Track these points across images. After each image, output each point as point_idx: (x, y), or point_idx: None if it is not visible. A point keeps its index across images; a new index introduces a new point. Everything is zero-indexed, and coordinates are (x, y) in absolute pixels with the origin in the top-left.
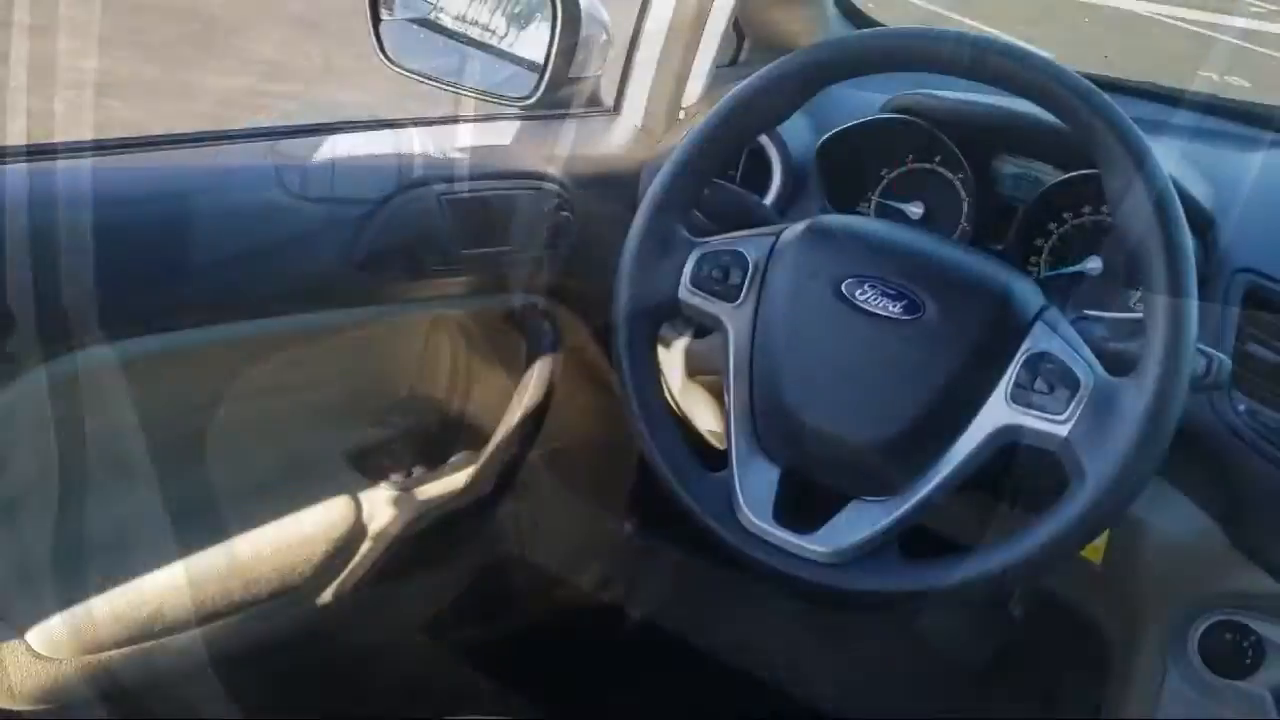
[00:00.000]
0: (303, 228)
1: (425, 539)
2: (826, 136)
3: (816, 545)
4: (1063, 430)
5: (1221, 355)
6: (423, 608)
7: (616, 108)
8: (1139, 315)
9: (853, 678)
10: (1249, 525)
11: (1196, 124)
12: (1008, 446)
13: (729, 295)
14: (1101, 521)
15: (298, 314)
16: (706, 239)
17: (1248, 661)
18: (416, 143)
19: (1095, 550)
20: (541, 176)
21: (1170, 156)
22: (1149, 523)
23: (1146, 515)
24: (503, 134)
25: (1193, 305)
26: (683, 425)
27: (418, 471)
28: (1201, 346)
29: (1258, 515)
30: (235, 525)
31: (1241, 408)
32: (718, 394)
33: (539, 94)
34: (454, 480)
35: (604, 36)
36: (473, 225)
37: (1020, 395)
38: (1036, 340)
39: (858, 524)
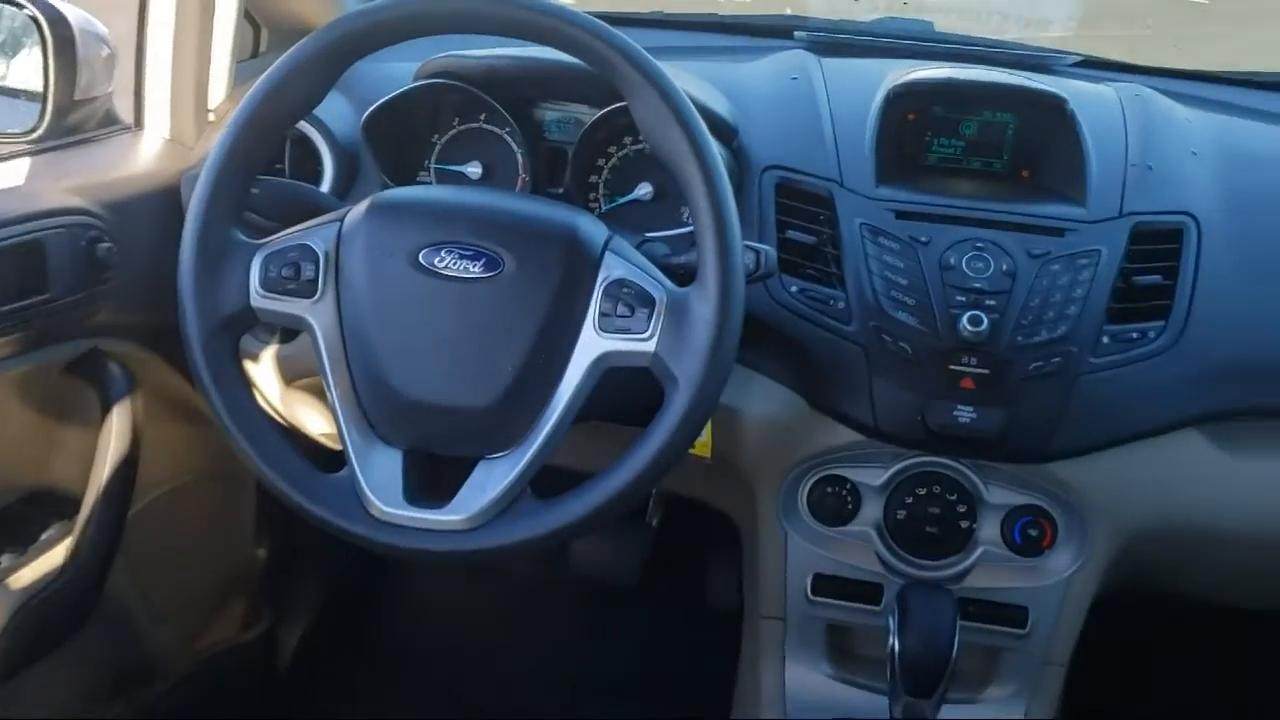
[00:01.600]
0: None
1: (30, 632)
2: (369, 112)
3: (453, 515)
4: (650, 346)
5: (767, 247)
6: (48, 708)
7: (138, 123)
8: (692, 228)
9: (526, 632)
10: (820, 388)
11: (704, 43)
12: (608, 373)
13: (305, 292)
14: (700, 418)
15: None
16: (267, 239)
17: (849, 507)
18: None
19: (704, 446)
20: (69, 211)
21: (686, 77)
22: (742, 409)
23: (738, 403)
24: (14, 174)
25: (732, 209)
26: (292, 434)
27: (5, 559)
28: (748, 243)
29: (825, 377)
30: None
31: (794, 289)
32: (321, 394)
33: (45, 124)
34: (50, 559)
35: (106, 51)
36: None
37: (606, 323)
38: (610, 269)
39: (487, 483)
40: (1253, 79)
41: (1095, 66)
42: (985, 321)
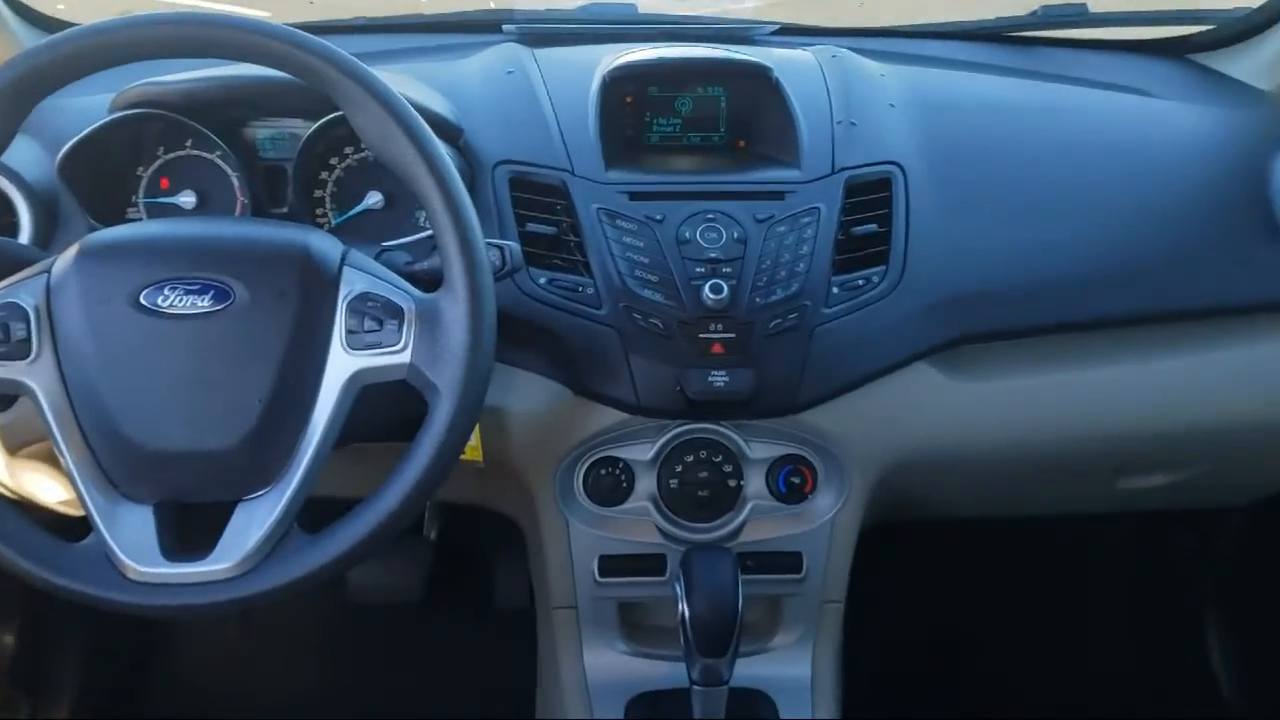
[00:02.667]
0: None
1: None
2: (63, 152)
3: (217, 564)
4: (404, 357)
5: (510, 243)
6: None
7: None
8: (431, 232)
9: (315, 677)
10: (581, 374)
11: (412, 45)
12: (365, 391)
13: (18, 354)
14: (466, 423)
15: None
16: None
17: (625, 485)
18: None
19: (474, 450)
20: None
21: (401, 80)
22: (507, 407)
23: (503, 402)
24: None
25: (469, 208)
26: (26, 507)
27: None
28: (491, 240)
29: (584, 363)
30: None
31: (542, 280)
32: (53, 459)
33: None
34: None
35: None
36: None
37: (355, 340)
38: (350, 285)
39: (250, 526)
40: (934, 31)
41: (792, 33)
42: (725, 288)
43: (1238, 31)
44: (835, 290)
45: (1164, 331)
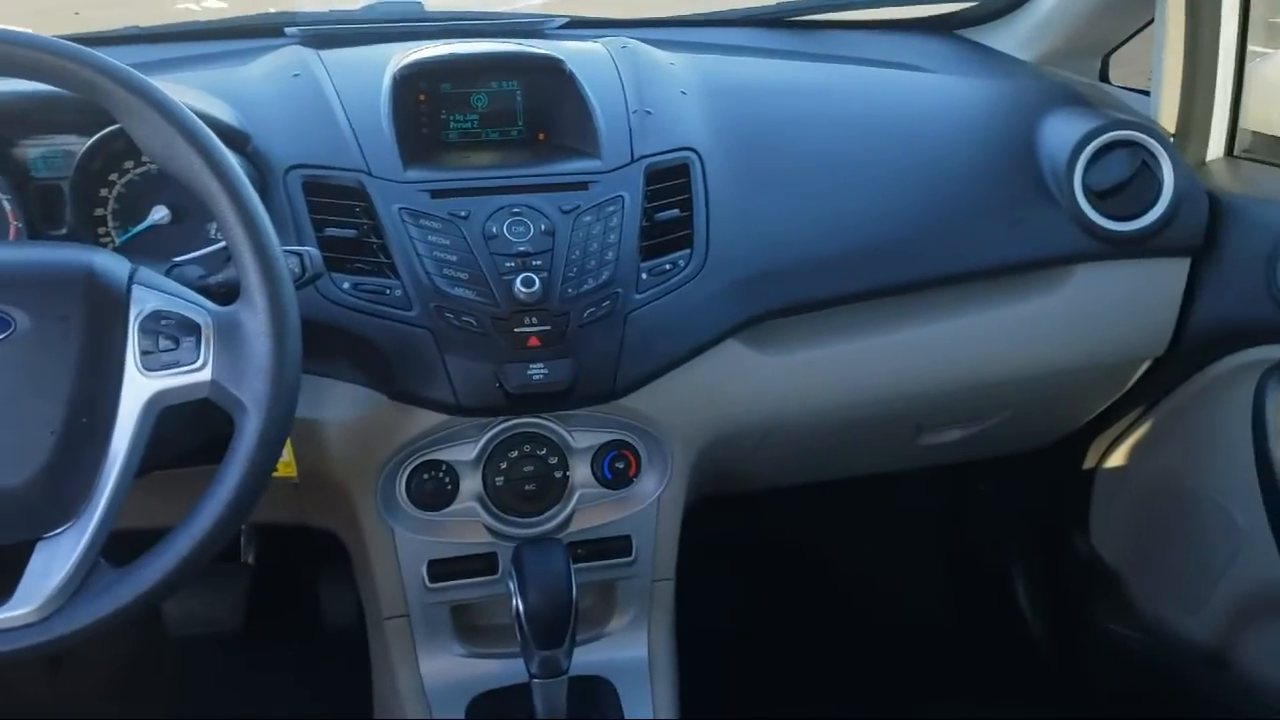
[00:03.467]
0: None
1: None
2: None
3: (18, 609)
4: (205, 374)
5: (309, 249)
6: None
7: None
8: (224, 243)
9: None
10: (396, 378)
11: (189, 53)
12: (166, 414)
13: None
14: (277, 438)
15: None
16: None
17: (449, 487)
18: None
19: (287, 466)
20: None
21: (182, 89)
22: (320, 418)
23: (314, 413)
24: None
25: (263, 216)
26: None
27: None
28: (289, 248)
29: (398, 367)
30: None
31: (346, 285)
32: None
33: None
34: None
35: None
36: None
37: (151, 361)
38: (141, 304)
39: (51, 566)
40: (718, 19)
41: (582, 25)
42: (536, 281)
43: (998, 7)
44: (644, 276)
45: (954, 292)
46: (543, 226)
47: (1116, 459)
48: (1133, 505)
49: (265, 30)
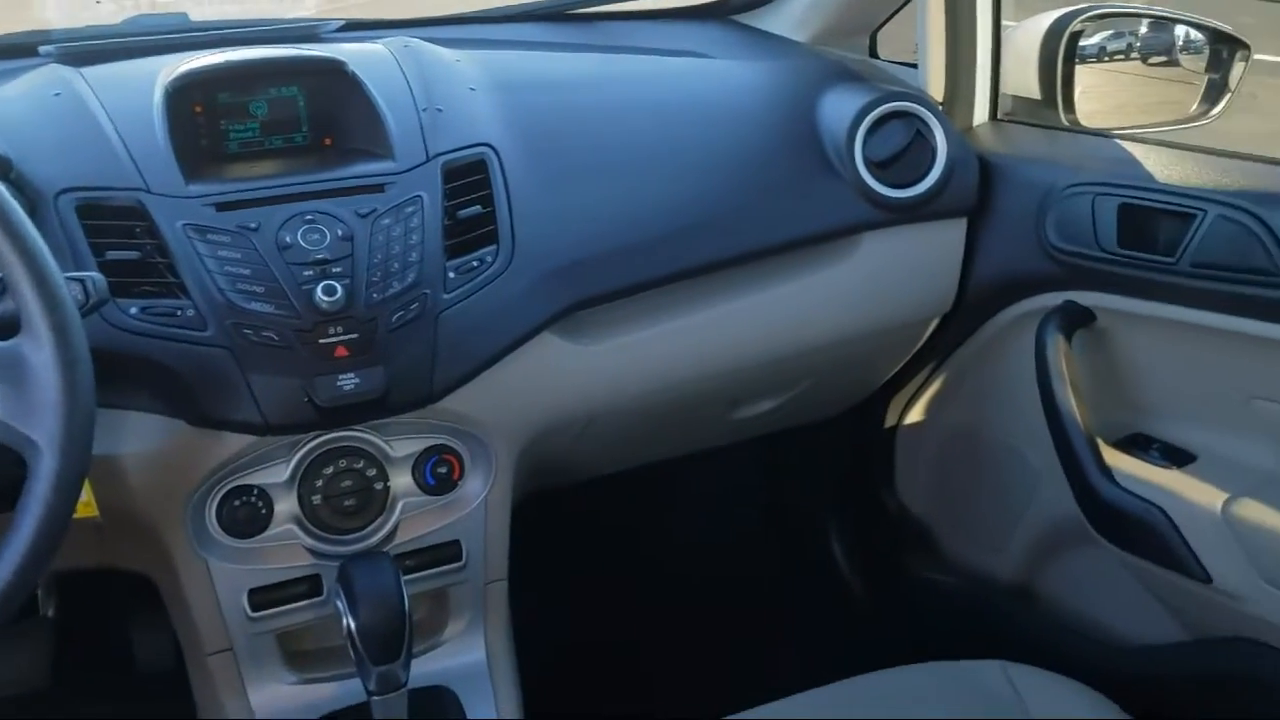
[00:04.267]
0: None
1: None
2: None
3: None
4: None
5: (92, 274)
6: None
7: None
8: None
9: None
10: (196, 403)
11: None
12: None
13: None
14: (74, 477)
15: None
16: None
17: (264, 512)
18: None
19: (88, 506)
20: None
21: None
22: (119, 453)
23: (113, 448)
24: None
25: (39, 242)
26: None
27: None
28: (70, 274)
29: (197, 391)
30: None
31: (134, 310)
32: None
33: None
34: None
35: None
36: None
37: None
38: None
39: None
40: (498, 15)
41: (359, 28)
42: (339, 289)
43: None
44: (452, 275)
45: (754, 269)
46: (340, 232)
47: (915, 415)
48: (935, 457)
49: (17, 51)
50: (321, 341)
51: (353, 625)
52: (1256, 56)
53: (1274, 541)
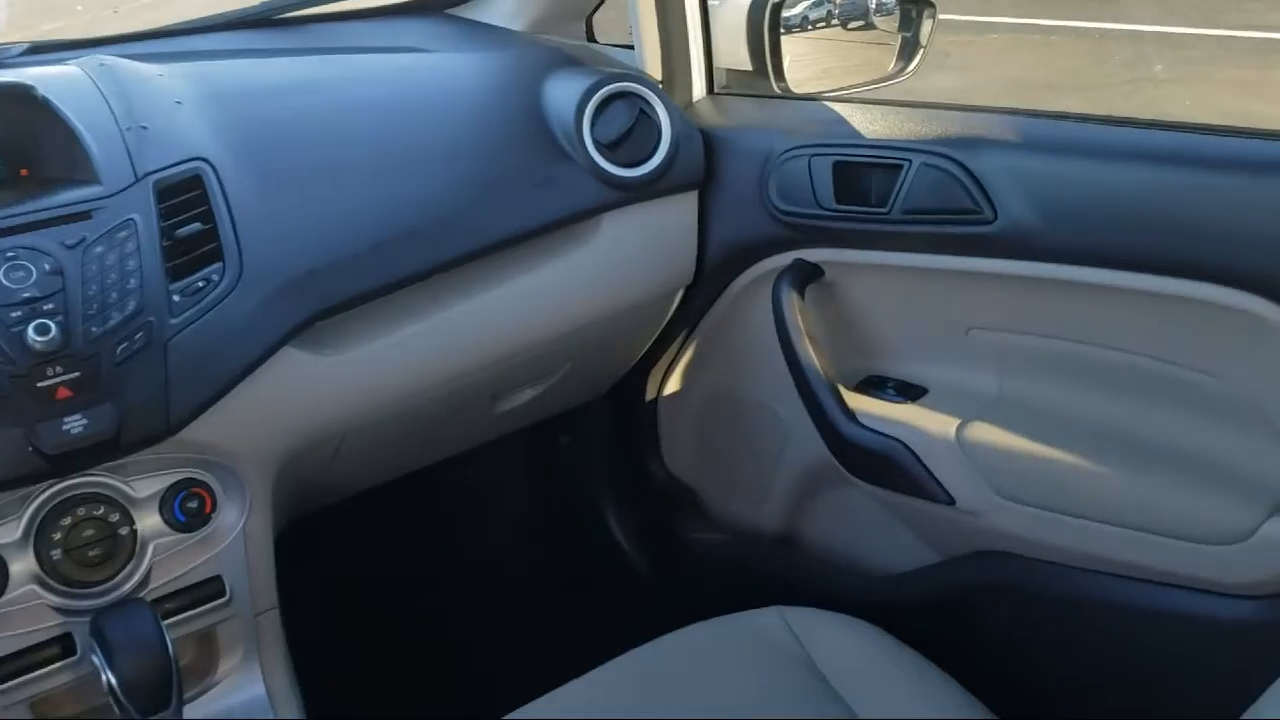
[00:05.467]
0: None
1: None
2: None
3: None
4: None
5: None
6: None
7: None
8: None
9: None
10: None
11: None
12: None
13: None
14: None
15: None
16: None
17: None
18: None
19: None
20: None
21: None
22: None
23: None
24: None
25: None
26: None
27: None
28: None
29: None
30: None
31: None
32: None
33: None
34: None
35: None
36: None
37: None
38: None
39: None
40: (199, 26)
41: (45, 50)
42: (52, 327)
43: None
44: (177, 298)
45: (498, 261)
46: (47, 266)
47: (673, 385)
48: (696, 423)
49: None
50: (40, 385)
51: (113, 680)
52: (945, 16)
53: (1003, 459)
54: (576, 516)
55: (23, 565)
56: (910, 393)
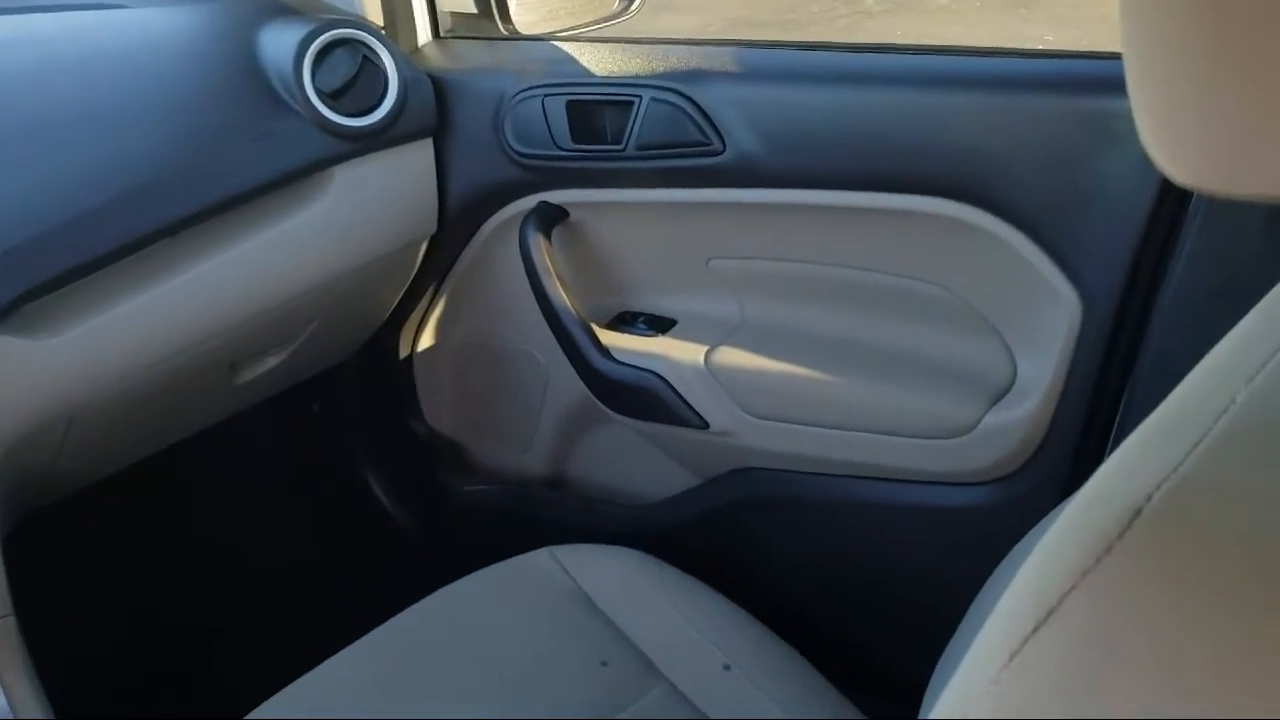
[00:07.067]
0: None
1: None
2: None
3: None
4: None
5: None
6: None
7: None
8: None
9: None
10: None
11: None
12: None
13: None
14: None
15: None
16: None
17: None
18: None
19: None
20: None
21: None
22: None
23: None
24: None
25: None
26: None
27: None
28: None
29: None
30: None
31: None
32: None
33: None
34: None
35: None
36: None
37: None
38: None
39: None
40: None
41: None
42: None
43: None
44: None
45: (223, 222)
46: None
47: (427, 339)
48: (454, 376)
49: None
50: None
51: None
52: None
53: (749, 380)
54: (337, 485)
55: None
56: (660, 325)
